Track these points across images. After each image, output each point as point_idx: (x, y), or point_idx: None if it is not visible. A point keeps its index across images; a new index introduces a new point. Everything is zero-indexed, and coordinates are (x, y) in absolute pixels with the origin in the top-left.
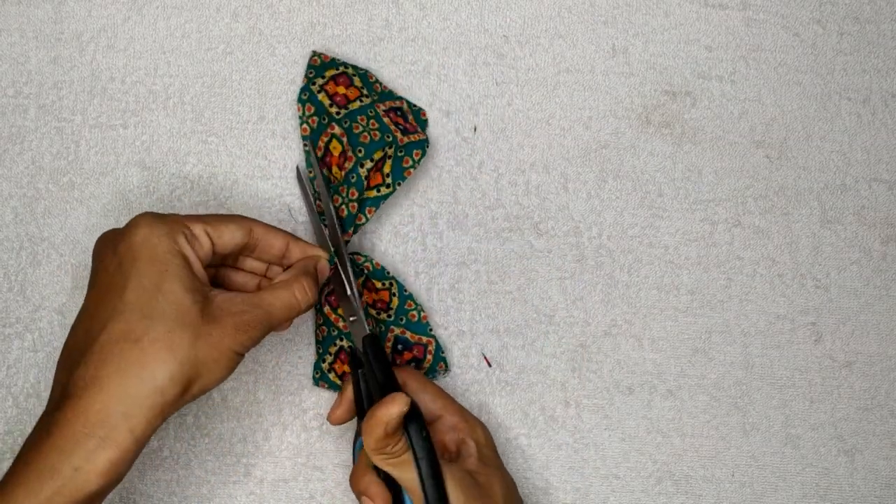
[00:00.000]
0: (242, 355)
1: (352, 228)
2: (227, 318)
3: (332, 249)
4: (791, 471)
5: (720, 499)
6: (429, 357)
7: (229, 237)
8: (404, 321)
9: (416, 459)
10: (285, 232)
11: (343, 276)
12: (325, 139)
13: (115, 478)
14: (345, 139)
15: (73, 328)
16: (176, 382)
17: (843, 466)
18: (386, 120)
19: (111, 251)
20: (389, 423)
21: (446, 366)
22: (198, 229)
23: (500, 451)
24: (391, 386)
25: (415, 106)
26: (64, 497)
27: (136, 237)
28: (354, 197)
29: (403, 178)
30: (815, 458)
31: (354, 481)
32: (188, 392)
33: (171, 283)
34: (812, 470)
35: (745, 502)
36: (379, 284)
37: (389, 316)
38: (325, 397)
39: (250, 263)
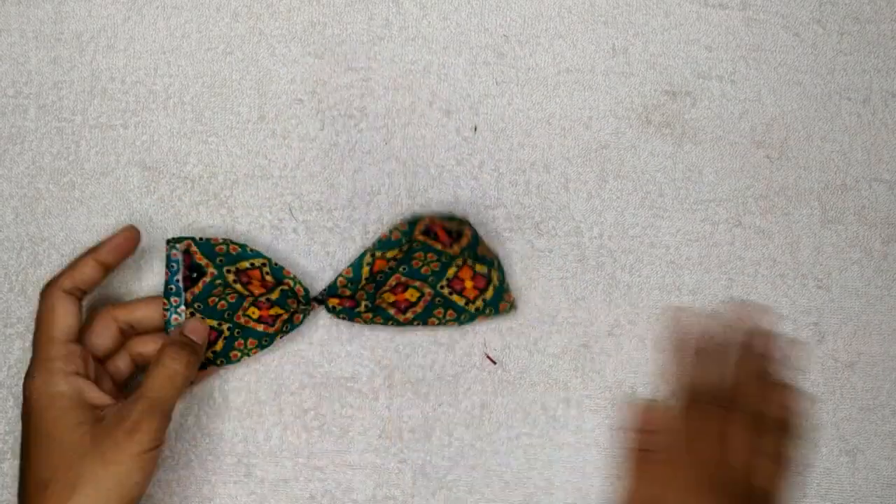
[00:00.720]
0: (155, 448)
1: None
2: (117, 428)
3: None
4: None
5: None
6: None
7: (100, 343)
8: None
9: None
10: (87, 254)
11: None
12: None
13: None
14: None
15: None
16: None
17: (844, 466)
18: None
19: (22, 410)
20: None
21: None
22: (72, 354)
23: (502, 451)
24: None
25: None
26: None
27: (28, 393)
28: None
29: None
30: (816, 458)
31: None
32: None
33: (59, 425)
34: (813, 470)
35: None
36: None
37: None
38: (326, 398)
39: None
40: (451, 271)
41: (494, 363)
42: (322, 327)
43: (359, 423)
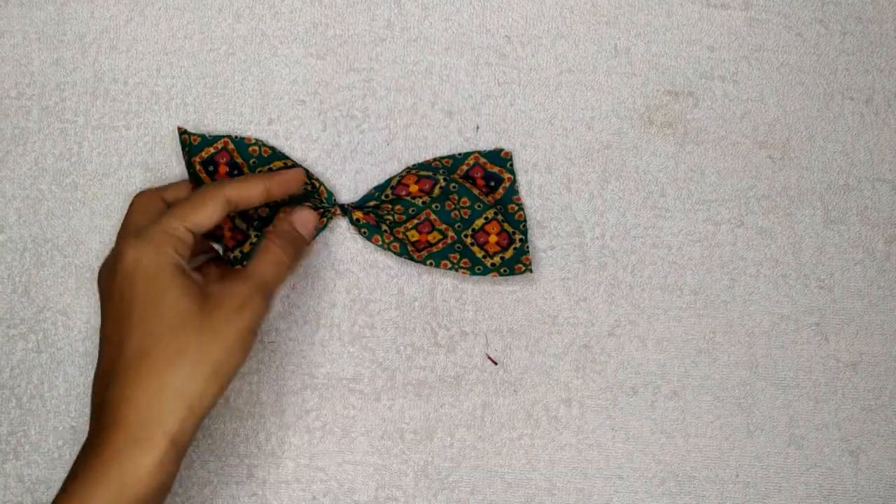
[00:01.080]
0: (255, 332)
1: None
2: (225, 303)
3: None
4: (795, 471)
5: (724, 499)
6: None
7: (208, 219)
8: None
9: None
10: (259, 176)
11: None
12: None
13: (163, 479)
14: None
15: (98, 359)
16: (193, 380)
17: (847, 467)
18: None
19: (111, 281)
20: None
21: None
22: (178, 230)
23: (503, 450)
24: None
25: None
26: (118, 502)
27: (128, 263)
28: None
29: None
30: (819, 459)
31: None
32: (211, 383)
33: (167, 294)
34: (816, 470)
35: (748, 503)
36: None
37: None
38: (328, 399)
39: None
40: (478, 222)
41: (496, 364)
42: (324, 326)
43: (361, 424)
